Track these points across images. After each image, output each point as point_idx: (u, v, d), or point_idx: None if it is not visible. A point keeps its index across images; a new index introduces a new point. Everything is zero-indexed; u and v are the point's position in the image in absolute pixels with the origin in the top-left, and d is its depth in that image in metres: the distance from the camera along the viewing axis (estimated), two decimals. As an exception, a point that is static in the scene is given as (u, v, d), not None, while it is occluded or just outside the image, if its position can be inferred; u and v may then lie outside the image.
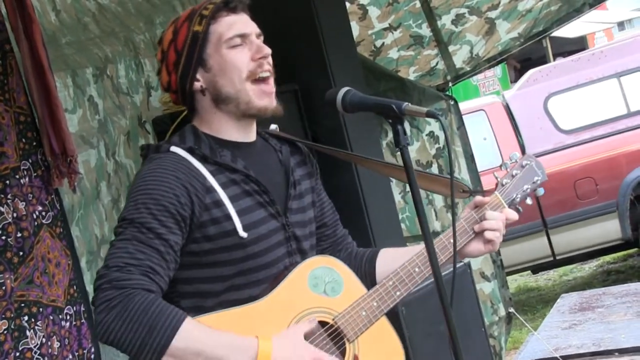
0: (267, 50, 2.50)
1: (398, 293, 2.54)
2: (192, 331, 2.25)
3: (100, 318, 2.23)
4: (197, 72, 2.48)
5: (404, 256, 2.62)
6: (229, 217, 2.41)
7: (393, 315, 2.65)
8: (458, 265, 2.63)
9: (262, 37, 2.53)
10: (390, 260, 2.67)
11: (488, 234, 2.63)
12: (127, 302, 2.21)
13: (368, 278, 2.67)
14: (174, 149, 2.44)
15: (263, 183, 2.50)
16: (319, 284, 2.48)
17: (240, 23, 2.50)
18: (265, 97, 2.48)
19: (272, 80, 2.50)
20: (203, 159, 2.43)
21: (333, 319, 2.47)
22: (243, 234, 2.41)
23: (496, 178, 2.76)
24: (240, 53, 2.47)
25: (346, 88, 2.37)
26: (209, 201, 2.39)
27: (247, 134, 2.56)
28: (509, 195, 2.72)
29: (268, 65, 2.49)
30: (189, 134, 2.50)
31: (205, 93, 2.49)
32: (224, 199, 2.41)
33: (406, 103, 2.23)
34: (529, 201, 2.78)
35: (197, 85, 2.48)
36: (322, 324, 2.45)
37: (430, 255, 2.29)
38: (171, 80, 2.52)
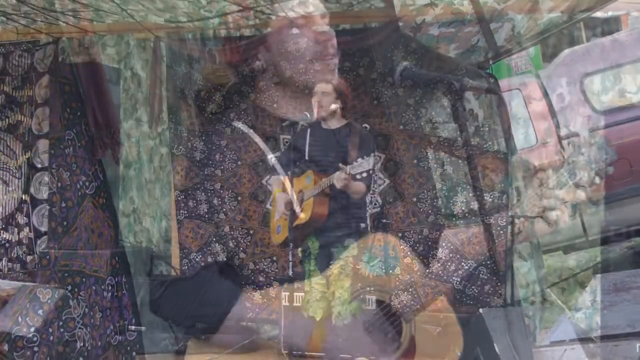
0: (331, 33, 2.52)
1: (453, 268, 2.55)
2: None
3: None
4: (258, 52, 2.51)
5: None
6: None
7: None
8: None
9: (326, 19, 2.55)
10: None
11: None
12: None
13: None
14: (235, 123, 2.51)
15: (314, 155, 2.53)
16: (376, 262, 2.49)
17: (303, 5, 2.52)
18: (327, 75, 2.50)
19: (335, 60, 2.53)
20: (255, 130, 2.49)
21: (389, 298, 2.48)
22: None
23: (562, 155, 2.72)
24: (302, 36, 2.50)
25: (405, 63, 2.36)
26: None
27: (302, 112, 2.58)
28: (574, 174, 2.68)
29: (332, 48, 2.52)
30: (246, 108, 2.56)
31: (266, 72, 2.52)
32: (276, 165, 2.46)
33: (467, 78, 2.21)
34: (597, 180, 2.74)
35: (258, 64, 2.52)
36: (379, 303, 2.46)
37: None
38: (233, 57, 2.57)
